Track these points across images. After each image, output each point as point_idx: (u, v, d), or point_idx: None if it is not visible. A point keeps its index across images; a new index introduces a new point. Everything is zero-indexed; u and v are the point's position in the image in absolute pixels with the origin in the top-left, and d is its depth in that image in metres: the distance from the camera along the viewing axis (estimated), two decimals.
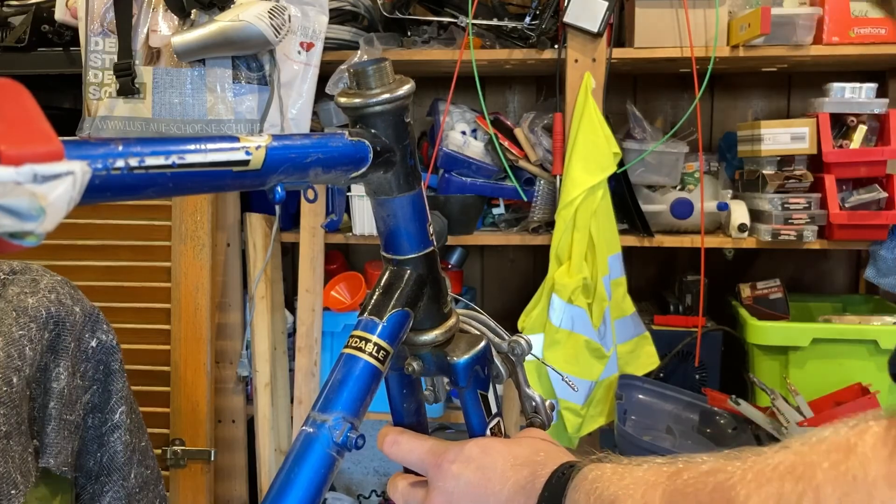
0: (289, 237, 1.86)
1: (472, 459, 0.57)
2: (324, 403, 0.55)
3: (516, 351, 0.66)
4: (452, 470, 0.58)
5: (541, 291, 1.72)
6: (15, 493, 0.94)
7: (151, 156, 0.38)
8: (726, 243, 1.78)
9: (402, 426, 0.67)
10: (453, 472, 0.58)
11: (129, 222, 1.79)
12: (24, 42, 1.74)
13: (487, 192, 1.84)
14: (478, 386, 0.64)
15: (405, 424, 0.67)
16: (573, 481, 0.51)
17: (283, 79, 1.64)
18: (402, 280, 0.61)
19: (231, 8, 1.57)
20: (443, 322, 0.64)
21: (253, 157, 0.45)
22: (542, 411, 0.68)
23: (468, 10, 1.65)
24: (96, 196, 0.35)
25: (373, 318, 0.59)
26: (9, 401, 0.95)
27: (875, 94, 1.70)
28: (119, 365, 1.15)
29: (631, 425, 1.68)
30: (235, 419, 1.88)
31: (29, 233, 0.30)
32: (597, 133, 1.66)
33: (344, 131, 0.55)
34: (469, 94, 1.82)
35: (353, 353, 0.57)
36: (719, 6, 1.66)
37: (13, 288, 1.04)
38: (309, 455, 0.53)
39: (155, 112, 1.63)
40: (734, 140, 1.90)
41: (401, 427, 0.66)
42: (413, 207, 0.60)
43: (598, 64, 1.69)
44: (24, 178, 0.29)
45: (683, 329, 1.81)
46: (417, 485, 0.61)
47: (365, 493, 2.35)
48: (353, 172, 0.55)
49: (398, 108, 0.57)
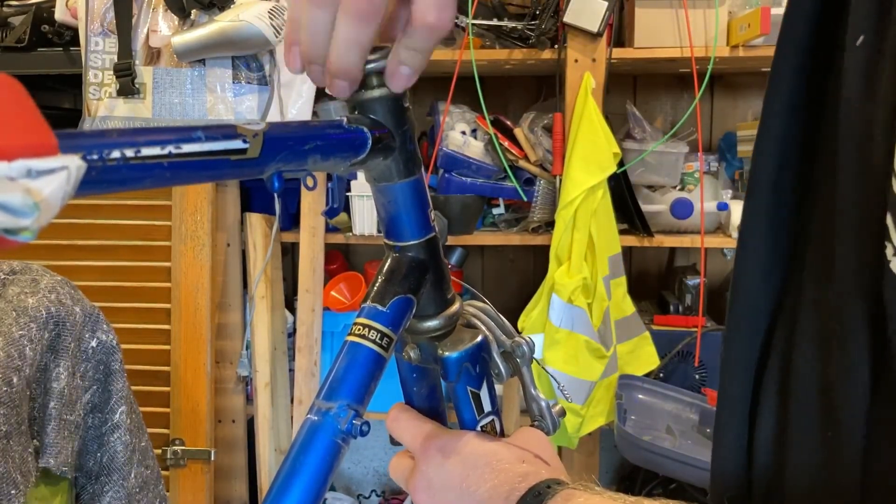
0: (289, 237, 1.86)
1: (456, 452, 0.57)
2: (328, 392, 0.55)
3: (517, 353, 0.66)
4: (436, 458, 0.58)
5: (541, 291, 1.72)
6: (15, 493, 0.94)
7: (147, 146, 0.38)
8: (726, 243, 1.78)
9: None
10: (437, 459, 0.58)
11: (129, 222, 1.79)
12: (24, 42, 1.74)
13: (487, 192, 1.84)
14: (468, 382, 0.63)
15: (417, 408, 0.67)
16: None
17: (283, 79, 1.64)
18: (404, 266, 0.61)
19: (231, 8, 1.57)
20: (446, 308, 0.64)
21: (250, 145, 0.45)
22: (547, 416, 0.67)
23: (468, 10, 1.65)
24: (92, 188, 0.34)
25: (375, 305, 0.58)
26: (9, 401, 0.95)
27: None
28: (119, 365, 1.15)
29: (631, 425, 1.68)
30: (235, 419, 1.88)
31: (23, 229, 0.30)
32: (597, 133, 1.66)
33: (342, 118, 0.55)
34: (469, 94, 1.82)
35: (357, 340, 0.57)
36: (719, 6, 1.66)
37: (13, 288, 1.04)
38: (314, 443, 0.53)
39: (155, 112, 1.63)
40: (734, 140, 1.90)
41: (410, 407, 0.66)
42: (414, 193, 0.60)
43: (598, 64, 1.69)
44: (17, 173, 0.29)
45: (683, 329, 1.81)
46: (408, 463, 0.61)
47: (365, 493, 2.35)
48: (353, 159, 0.54)
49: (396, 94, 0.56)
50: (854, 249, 0.41)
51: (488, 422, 0.65)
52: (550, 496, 0.51)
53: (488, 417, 0.65)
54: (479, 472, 0.55)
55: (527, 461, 0.57)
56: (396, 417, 0.63)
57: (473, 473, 0.56)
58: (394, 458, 0.64)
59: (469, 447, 0.58)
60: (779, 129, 0.50)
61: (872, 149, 0.39)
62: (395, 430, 0.63)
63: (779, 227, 0.51)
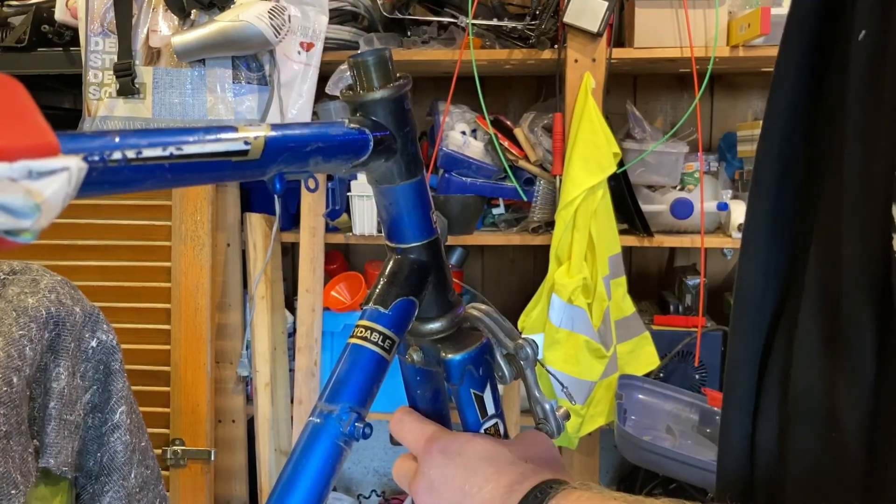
0: (289, 237, 1.85)
1: (459, 454, 0.57)
2: (330, 394, 0.55)
3: (521, 354, 0.65)
4: (439, 459, 0.58)
5: (541, 291, 1.72)
6: (15, 493, 0.94)
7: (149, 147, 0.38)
8: (726, 243, 1.78)
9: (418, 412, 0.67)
10: (439, 461, 0.57)
11: (129, 222, 1.79)
12: (24, 42, 1.74)
13: (487, 192, 1.84)
14: (472, 385, 0.63)
15: (420, 411, 0.67)
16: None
17: (283, 79, 1.64)
18: (406, 268, 0.61)
19: (231, 8, 1.57)
20: (448, 310, 0.64)
21: (252, 146, 0.44)
22: (552, 418, 0.67)
23: (468, 10, 1.65)
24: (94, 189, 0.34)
25: (378, 308, 0.58)
26: (9, 401, 0.95)
27: None
28: (119, 365, 1.15)
29: (631, 425, 1.68)
30: (235, 419, 1.88)
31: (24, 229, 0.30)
32: (597, 133, 1.66)
33: (344, 119, 0.55)
34: (469, 94, 1.82)
35: (359, 342, 0.57)
36: (719, 6, 1.66)
37: (13, 288, 1.04)
38: (317, 446, 0.53)
39: (155, 112, 1.63)
40: (734, 140, 1.90)
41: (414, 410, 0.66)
42: (416, 195, 0.60)
43: (598, 64, 1.69)
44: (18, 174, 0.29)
45: (683, 329, 1.81)
46: (411, 465, 0.61)
47: (365, 493, 2.35)
48: (355, 161, 0.54)
49: (398, 96, 0.56)
50: (860, 242, 0.41)
51: (492, 424, 0.65)
52: (552, 496, 0.51)
53: (492, 420, 0.65)
54: (482, 473, 0.55)
55: (529, 461, 0.57)
56: (400, 420, 0.63)
57: (476, 474, 0.55)
58: (397, 460, 0.63)
59: (472, 448, 0.57)
60: (782, 127, 0.50)
61: (877, 142, 0.39)
62: (399, 432, 0.63)
63: (782, 225, 0.51)
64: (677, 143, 1.80)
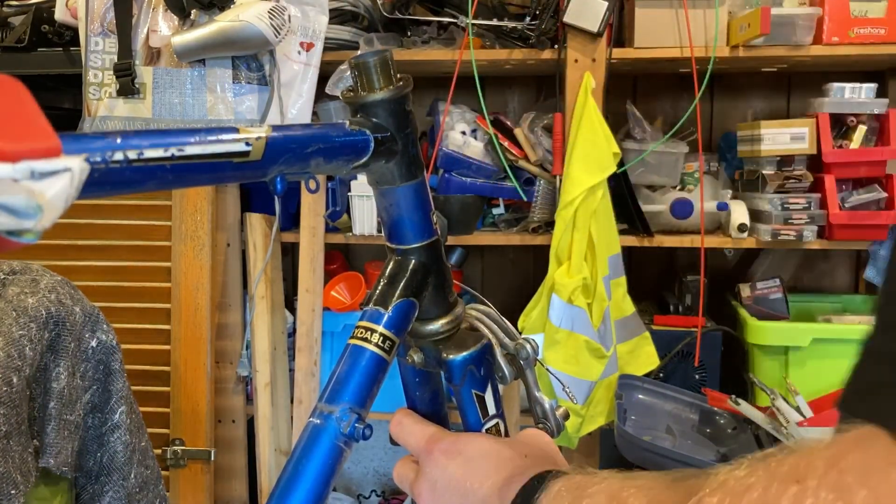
0: (289, 237, 1.85)
1: (460, 453, 0.57)
2: (331, 395, 0.55)
3: (521, 354, 0.65)
4: (440, 460, 0.58)
5: (541, 291, 1.72)
6: (15, 493, 0.94)
7: (150, 148, 0.38)
8: (726, 243, 1.78)
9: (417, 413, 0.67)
10: (441, 462, 0.58)
11: (129, 222, 1.79)
12: (24, 42, 1.74)
13: (487, 192, 1.84)
14: (473, 385, 0.63)
15: (419, 412, 0.67)
16: (546, 488, 0.51)
17: (283, 79, 1.64)
18: (407, 269, 0.61)
19: (231, 8, 1.57)
20: (448, 311, 0.64)
21: (253, 148, 0.45)
22: (551, 417, 0.67)
23: (468, 10, 1.65)
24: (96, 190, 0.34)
25: (378, 309, 0.58)
26: (9, 401, 0.95)
27: (875, 94, 1.70)
28: (119, 365, 1.15)
29: (631, 425, 1.68)
30: (235, 419, 1.88)
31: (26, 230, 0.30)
32: (596, 133, 1.66)
33: (345, 121, 0.55)
34: (469, 94, 1.82)
35: (359, 343, 0.57)
36: (719, 6, 1.66)
37: (13, 288, 1.04)
38: (317, 446, 0.54)
39: (155, 112, 1.63)
40: (734, 140, 1.90)
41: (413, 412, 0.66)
42: (416, 196, 0.60)
43: (598, 64, 1.69)
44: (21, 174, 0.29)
45: (683, 329, 1.81)
46: (412, 467, 0.62)
47: (365, 493, 2.35)
48: (355, 162, 0.54)
49: (399, 97, 0.56)
50: None
51: (493, 425, 0.65)
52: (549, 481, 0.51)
53: (493, 420, 0.65)
54: (483, 470, 0.56)
55: (529, 455, 0.57)
56: (400, 422, 0.63)
57: (477, 472, 0.56)
58: (398, 463, 0.64)
59: (473, 448, 0.58)
60: None
61: None
62: (399, 434, 0.63)
63: None
64: (677, 143, 1.80)
